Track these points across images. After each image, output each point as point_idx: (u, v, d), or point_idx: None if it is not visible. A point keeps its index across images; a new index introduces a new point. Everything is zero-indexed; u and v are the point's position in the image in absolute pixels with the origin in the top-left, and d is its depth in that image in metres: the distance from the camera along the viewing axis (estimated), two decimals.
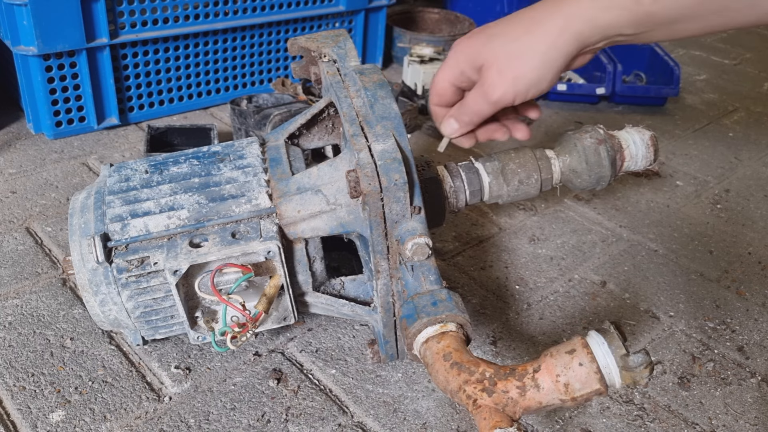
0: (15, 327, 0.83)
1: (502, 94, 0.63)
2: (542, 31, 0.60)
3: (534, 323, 0.89)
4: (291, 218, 0.71)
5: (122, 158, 1.20)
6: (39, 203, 1.07)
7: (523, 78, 0.61)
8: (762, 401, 0.80)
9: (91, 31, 1.16)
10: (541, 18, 0.60)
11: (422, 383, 0.79)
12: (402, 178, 0.63)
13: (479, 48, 0.63)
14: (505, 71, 0.61)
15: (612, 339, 0.53)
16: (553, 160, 0.78)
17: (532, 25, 0.60)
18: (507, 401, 0.54)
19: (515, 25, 0.62)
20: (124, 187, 0.74)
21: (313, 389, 0.78)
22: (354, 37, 1.52)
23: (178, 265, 0.67)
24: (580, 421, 0.76)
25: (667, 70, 1.48)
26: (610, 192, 1.19)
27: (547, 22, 0.60)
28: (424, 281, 0.65)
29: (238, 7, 1.30)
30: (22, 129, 1.26)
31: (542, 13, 0.60)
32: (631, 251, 1.04)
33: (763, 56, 1.90)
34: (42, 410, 0.73)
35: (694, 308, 0.93)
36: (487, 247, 1.04)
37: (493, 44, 0.62)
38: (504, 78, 0.62)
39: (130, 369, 0.79)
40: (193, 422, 0.73)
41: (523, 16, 0.62)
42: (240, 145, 0.79)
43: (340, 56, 0.81)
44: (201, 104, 1.38)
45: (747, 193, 1.22)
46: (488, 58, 0.62)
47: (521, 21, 0.62)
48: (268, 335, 0.85)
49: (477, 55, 0.63)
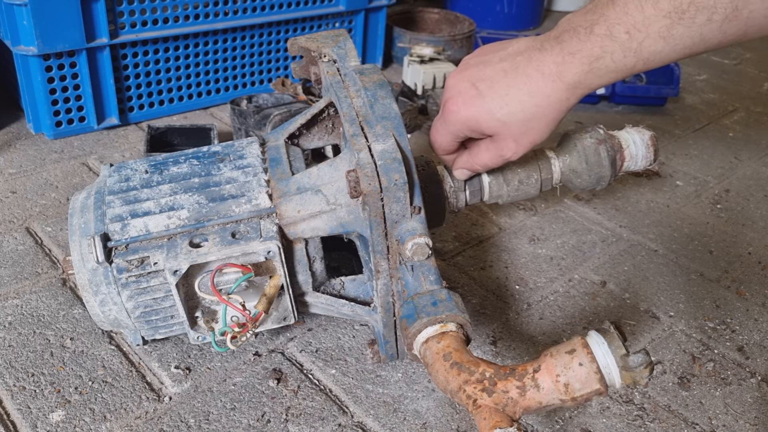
0: (15, 327, 0.83)
1: (515, 154, 0.66)
2: (548, 103, 0.61)
3: (534, 323, 0.89)
4: (291, 218, 0.71)
5: (122, 158, 1.20)
6: (39, 203, 1.07)
7: (536, 143, 0.65)
8: (762, 401, 0.80)
9: (91, 31, 1.16)
10: (546, 92, 0.60)
11: (422, 383, 0.79)
12: (402, 178, 0.63)
13: (482, 120, 0.64)
14: (522, 141, 0.65)
15: (612, 339, 0.54)
16: (553, 160, 0.78)
17: (537, 96, 0.61)
18: (507, 401, 0.54)
19: (516, 93, 0.61)
20: (124, 187, 0.74)
21: (313, 389, 0.78)
22: (354, 37, 1.52)
23: (178, 265, 0.67)
24: (580, 421, 0.76)
25: (667, 70, 1.48)
26: (610, 192, 1.19)
27: (552, 95, 0.60)
28: (424, 281, 0.65)
29: (238, 7, 1.30)
30: (22, 129, 1.26)
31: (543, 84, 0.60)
32: (631, 251, 1.04)
33: (763, 56, 1.90)
34: (42, 410, 0.73)
35: (694, 308, 0.93)
36: (487, 247, 1.04)
37: (501, 116, 0.63)
38: (521, 145, 0.65)
39: (130, 369, 0.79)
40: (193, 422, 0.73)
41: (518, 78, 0.61)
42: (240, 145, 0.79)
43: (340, 56, 0.81)
44: (201, 104, 1.38)
45: (747, 193, 1.22)
46: (500, 132, 0.64)
47: (520, 88, 0.61)
48: (268, 335, 0.85)
49: (479, 126, 0.65)
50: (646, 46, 0.55)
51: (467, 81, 0.64)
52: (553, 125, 0.63)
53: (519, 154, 0.66)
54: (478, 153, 0.69)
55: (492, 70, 0.63)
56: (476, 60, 0.66)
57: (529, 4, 1.95)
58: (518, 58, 0.61)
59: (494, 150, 0.67)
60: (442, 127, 0.69)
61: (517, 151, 0.66)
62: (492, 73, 0.63)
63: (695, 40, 0.54)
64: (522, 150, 0.66)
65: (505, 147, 0.66)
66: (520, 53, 0.62)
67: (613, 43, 0.56)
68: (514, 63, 0.62)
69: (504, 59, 0.63)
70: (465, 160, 0.72)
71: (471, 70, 0.65)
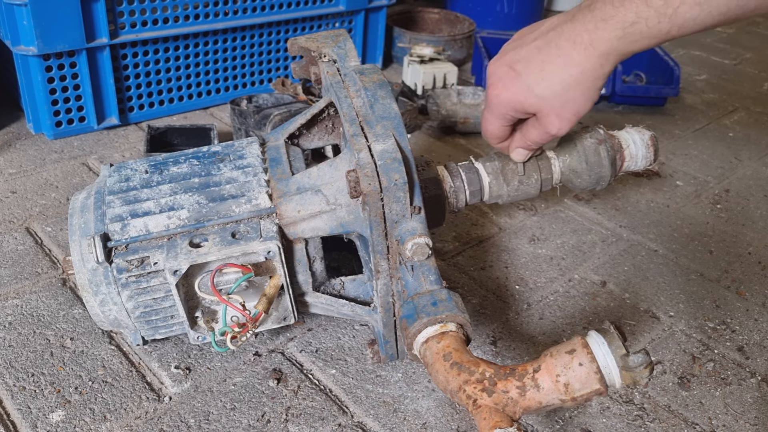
0: (15, 327, 0.83)
1: (560, 129, 0.67)
2: (581, 72, 0.61)
3: (534, 323, 0.89)
4: (291, 218, 0.71)
5: (122, 158, 1.20)
6: (39, 203, 1.07)
7: (579, 114, 0.65)
8: (762, 401, 0.80)
9: (91, 31, 1.16)
10: (578, 60, 0.61)
11: (422, 383, 0.79)
12: (402, 178, 0.64)
13: (522, 99, 0.65)
14: (564, 114, 0.65)
15: (612, 339, 0.54)
16: (553, 160, 0.78)
17: (571, 67, 0.61)
18: (507, 401, 0.54)
19: (550, 66, 0.62)
20: (124, 187, 0.74)
21: (313, 389, 0.78)
22: (354, 37, 1.52)
23: (178, 265, 0.67)
24: (580, 421, 0.76)
25: (667, 70, 1.48)
26: (610, 192, 1.19)
27: (585, 63, 0.61)
28: (424, 281, 0.65)
29: (238, 7, 1.30)
30: (22, 129, 1.26)
31: (575, 53, 0.61)
32: (631, 251, 1.04)
33: (763, 56, 1.90)
34: (42, 410, 0.73)
35: (694, 308, 0.93)
36: (487, 247, 1.04)
37: (539, 92, 0.64)
38: (563, 119, 0.66)
39: (130, 369, 0.79)
40: (193, 422, 0.73)
41: (551, 52, 0.62)
42: (240, 145, 0.79)
43: (340, 56, 0.81)
44: (201, 104, 1.38)
45: (747, 193, 1.22)
46: (541, 108, 0.65)
47: (553, 61, 0.62)
48: (268, 335, 0.85)
49: (521, 105, 0.66)
50: (682, 12, 0.55)
51: (505, 65, 0.66)
52: (592, 94, 0.63)
53: (565, 129, 0.66)
54: (527, 131, 0.70)
55: (527, 50, 0.64)
56: (512, 44, 0.67)
57: (529, 4, 1.95)
58: (550, 34, 0.62)
59: (540, 127, 0.68)
60: (489, 114, 0.70)
61: (561, 126, 0.66)
62: (527, 53, 0.64)
63: (731, 5, 0.54)
64: (566, 124, 0.66)
65: (548, 123, 0.66)
66: (552, 29, 0.63)
67: (648, 9, 0.56)
68: (546, 39, 0.63)
69: (537, 37, 0.64)
70: (518, 138, 0.73)
71: (508, 55, 0.66)
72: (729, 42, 1.99)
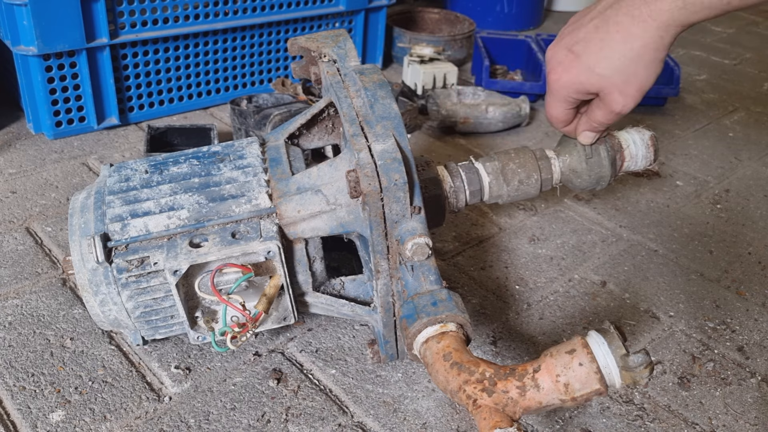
0: (15, 327, 0.83)
1: (625, 106, 0.66)
2: (642, 45, 0.61)
3: (534, 323, 0.89)
4: (291, 218, 0.71)
5: (122, 158, 1.20)
6: (39, 203, 1.07)
7: (643, 89, 0.64)
8: (762, 401, 0.80)
9: (91, 31, 1.16)
10: (638, 33, 0.60)
11: (422, 383, 0.79)
12: (402, 178, 0.64)
13: (583, 79, 0.65)
14: (627, 90, 0.64)
15: (612, 339, 0.54)
16: (553, 160, 0.78)
17: (631, 41, 0.61)
18: (507, 401, 0.54)
19: (610, 43, 0.62)
20: (124, 187, 0.74)
21: (313, 389, 0.78)
22: (354, 37, 1.52)
23: (178, 265, 0.67)
24: (580, 421, 0.76)
25: (667, 70, 1.48)
26: (610, 192, 1.19)
27: (645, 36, 0.60)
28: (424, 281, 0.65)
29: (238, 7, 1.30)
30: (22, 129, 1.26)
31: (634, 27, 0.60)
32: (631, 251, 1.04)
33: (763, 56, 1.90)
34: (42, 410, 0.73)
35: (694, 308, 0.93)
36: (487, 247, 1.04)
37: (600, 71, 0.63)
38: (627, 95, 0.65)
39: (130, 369, 0.79)
40: (193, 422, 0.73)
41: (609, 29, 0.62)
42: (240, 145, 0.79)
43: (340, 56, 0.81)
44: (201, 104, 1.38)
45: (747, 193, 1.22)
46: (604, 87, 0.65)
47: (612, 38, 0.61)
48: (268, 335, 0.85)
49: (583, 86, 0.65)
50: None
51: (563, 48, 0.66)
52: (655, 67, 0.62)
53: (630, 106, 0.65)
54: (592, 112, 0.70)
55: (584, 30, 0.64)
56: (569, 28, 0.66)
57: (529, 4, 1.95)
58: (608, 12, 0.62)
59: (604, 107, 0.67)
60: (551, 98, 0.70)
61: (626, 103, 0.65)
62: (585, 34, 0.64)
63: None
64: (631, 100, 0.65)
65: (612, 101, 0.66)
66: (609, 6, 0.62)
67: None
68: (604, 17, 0.62)
69: (594, 17, 0.63)
70: (584, 121, 0.73)
71: (565, 39, 0.66)
72: (729, 42, 1.99)
